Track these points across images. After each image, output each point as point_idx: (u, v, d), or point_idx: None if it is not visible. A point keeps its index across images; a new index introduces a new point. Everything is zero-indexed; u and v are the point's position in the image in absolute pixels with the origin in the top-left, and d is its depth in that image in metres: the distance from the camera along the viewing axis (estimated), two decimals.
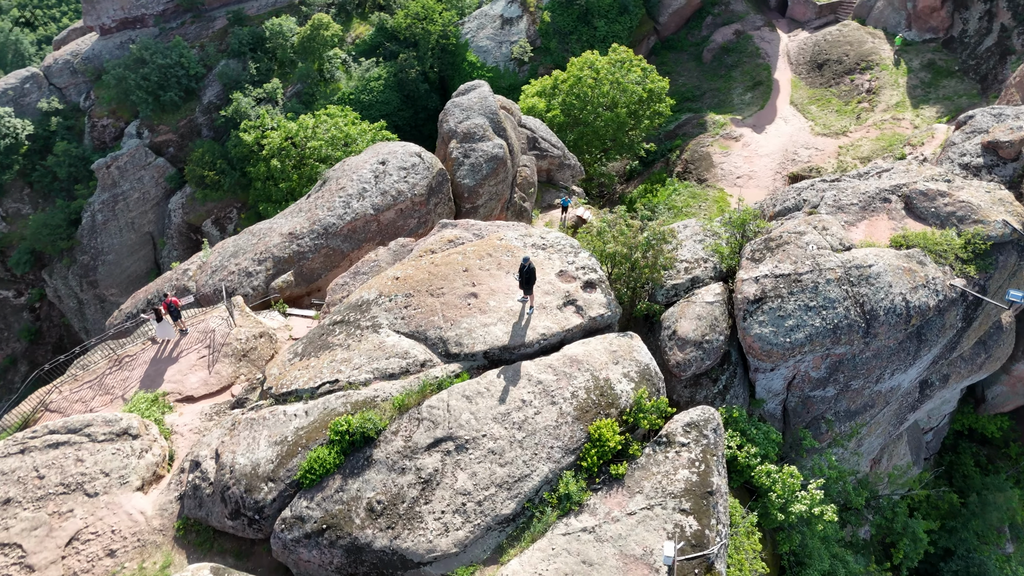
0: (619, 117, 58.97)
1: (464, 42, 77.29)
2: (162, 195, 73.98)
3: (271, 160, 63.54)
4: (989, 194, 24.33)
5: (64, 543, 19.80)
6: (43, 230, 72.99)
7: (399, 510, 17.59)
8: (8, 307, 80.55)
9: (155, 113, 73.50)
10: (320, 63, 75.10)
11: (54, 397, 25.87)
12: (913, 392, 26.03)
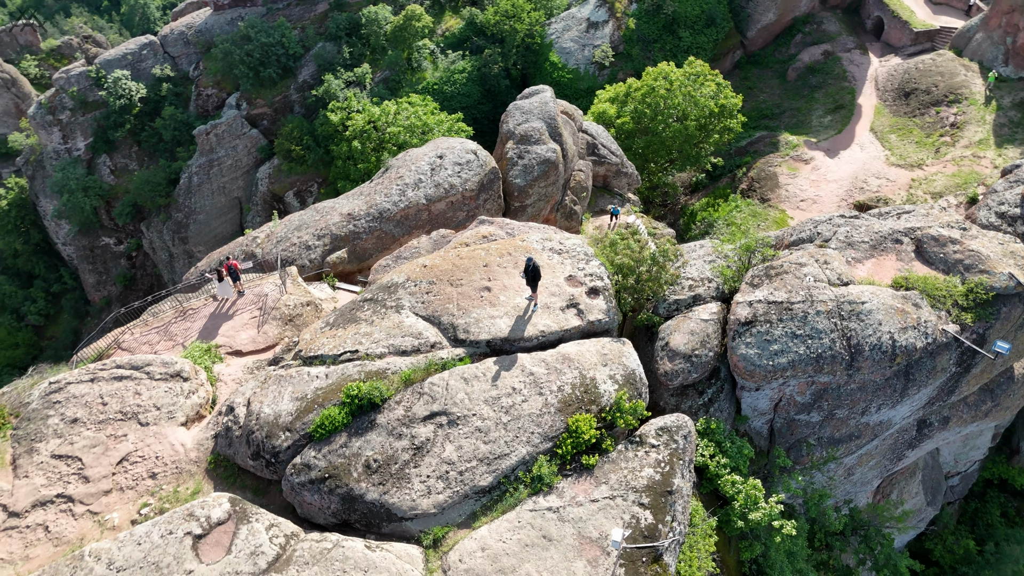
0: (687, 129, 59.70)
1: (548, 42, 79.16)
2: (252, 164, 79.27)
3: (352, 141, 67.26)
4: (1002, 246, 24.58)
5: (116, 462, 23.20)
6: (145, 186, 79.51)
7: (391, 470, 20.01)
8: (109, 253, 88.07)
9: (254, 87, 78.77)
10: (409, 52, 78.52)
11: (126, 337, 29.62)
12: (909, 430, 26.55)
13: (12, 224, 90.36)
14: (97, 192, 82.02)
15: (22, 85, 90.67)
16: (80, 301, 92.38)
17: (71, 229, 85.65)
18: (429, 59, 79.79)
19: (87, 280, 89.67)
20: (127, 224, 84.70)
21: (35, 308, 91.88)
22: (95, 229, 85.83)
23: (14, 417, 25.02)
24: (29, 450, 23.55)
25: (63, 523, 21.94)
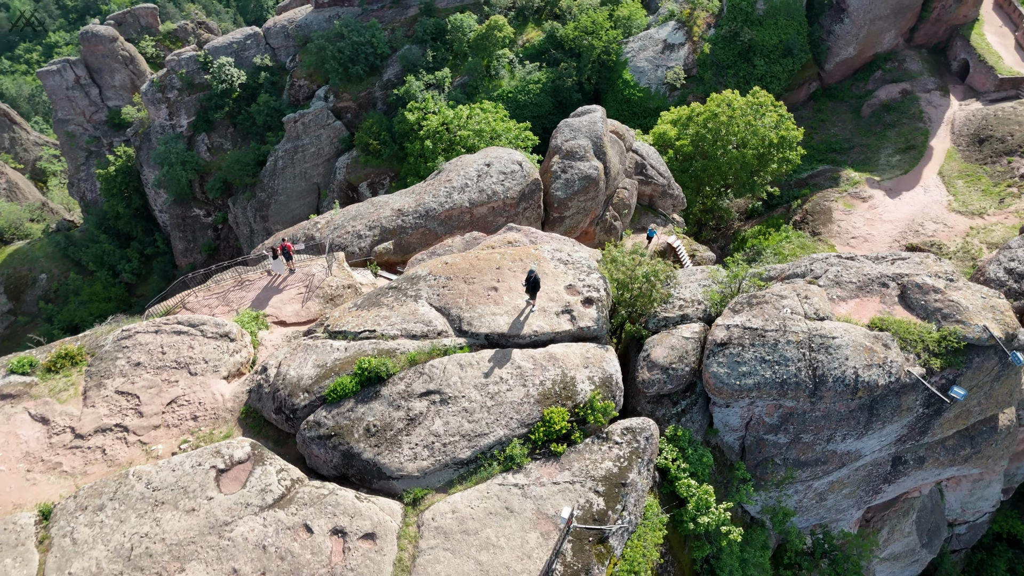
0: (744, 157, 60.89)
1: (623, 60, 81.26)
2: (333, 153, 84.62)
3: (425, 140, 71.35)
4: (983, 299, 25.51)
5: (166, 403, 27.19)
6: (236, 165, 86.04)
7: (386, 435, 23.12)
8: (198, 224, 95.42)
9: (342, 82, 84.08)
10: (489, 60, 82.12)
11: (191, 299, 33.92)
12: (883, 464, 27.74)
13: (118, 189, 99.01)
14: (194, 167, 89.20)
15: (139, 63, 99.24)
16: (169, 265, 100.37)
17: (168, 198, 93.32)
18: (507, 68, 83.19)
19: (177, 246, 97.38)
20: (216, 198, 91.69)
21: (129, 267, 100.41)
22: (188, 200, 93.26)
23: (90, 356, 29.48)
24: (98, 384, 27.84)
25: (117, 448, 26.03)
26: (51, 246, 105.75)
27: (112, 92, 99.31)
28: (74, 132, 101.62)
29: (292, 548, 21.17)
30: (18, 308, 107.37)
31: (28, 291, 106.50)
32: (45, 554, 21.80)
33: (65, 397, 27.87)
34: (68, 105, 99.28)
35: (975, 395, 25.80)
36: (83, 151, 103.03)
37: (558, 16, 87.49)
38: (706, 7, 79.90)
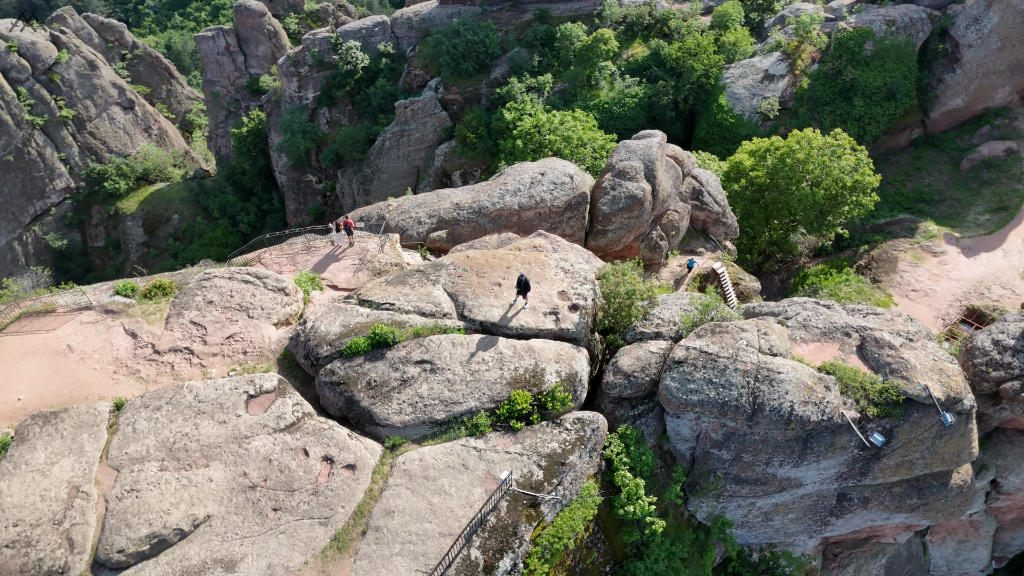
0: (815, 196, 61.84)
1: (722, 85, 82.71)
2: (435, 141, 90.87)
3: (517, 140, 76.04)
4: (935, 361, 27.14)
5: (225, 337, 33.26)
6: (348, 140, 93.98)
7: (382, 390, 28.00)
8: (309, 189, 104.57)
9: (452, 76, 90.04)
10: (591, 70, 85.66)
11: (265, 256, 40.16)
12: (829, 498, 29.86)
13: (247, 148, 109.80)
14: (312, 137, 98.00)
15: (281, 37, 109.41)
16: (280, 222, 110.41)
17: (287, 162, 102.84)
18: (608, 80, 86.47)
19: (289, 206, 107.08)
20: (328, 168, 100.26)
21: (247, 219, 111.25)
22: (304, 167, 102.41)
23: (177, 290, 36.10)
24: (178, 313, 34.29)
25: (182, 366, 32.31)
26: (186, 191, 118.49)
27: (255, 61, 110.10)
28: (218, 93, 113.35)
29: (290, 465, 26.48)
30: (151, 241, 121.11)
31: (161, 228, 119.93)
32: (112, 436, 28.15)
33: (152, 319, 34.52)
34: (217, 68, 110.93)
35: (916, 448, 27.70)
36: (223, 110, 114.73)
37: (666, 35, 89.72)
38: (814, 41, 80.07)
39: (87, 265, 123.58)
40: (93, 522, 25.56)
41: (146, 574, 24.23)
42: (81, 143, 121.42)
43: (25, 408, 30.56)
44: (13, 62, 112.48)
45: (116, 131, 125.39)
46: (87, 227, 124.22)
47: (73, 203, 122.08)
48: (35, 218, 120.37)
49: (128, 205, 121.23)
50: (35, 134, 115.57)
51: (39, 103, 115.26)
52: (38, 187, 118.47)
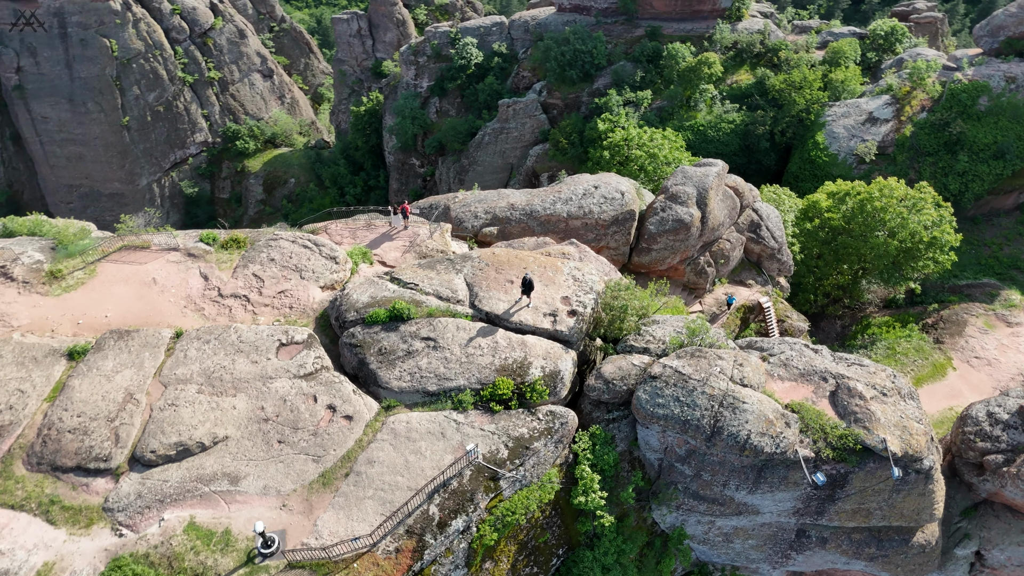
0: (888, 246, 60.93)
1: (821, 122, 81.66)
2: (530, 141, 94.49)
3: (605, 151, 78.48)
4: (900, 418, 27.70)
5: (278, 291, 38.09)
6: (451, 131, 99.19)
7: (389, 357, 31.79)
8: (412, 172, 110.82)
9: (556, 82, 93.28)
10: (691, 92, 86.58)
11: (331, 227, 44.95)
12: (788, 531, 30.89)
13: (363, 125, 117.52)
14: (421, 124, 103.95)
15: (408, 27, 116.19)
16: (382, 198, 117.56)
17: (396, 144, 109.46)
18: (708, 103, 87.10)
19: (392, 185, 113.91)
20: (431, 154, 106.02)
21: (353, 191, 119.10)
22: (410, 150, 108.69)
23: (249, 244, 41.38)
24: (244, 265, 39.46)
25: (237, 310, 37.38)
26: (304, 158, 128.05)
27: (381, 46, 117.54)
28: (345, 71, 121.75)
29: (300, 407, 30.75)
30: (268, 200, 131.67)
31: (279, 189, 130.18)
32: (167, 358, 33.41)
33: (223, 267, 39.87)
34: (347, 49, 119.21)
35: (873, 498, 28.57)
36: (348, 88, 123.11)
37: (775, 65, 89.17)
38: (927, 89, 77.68)
39: (211, 213, 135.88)
40: (137, 424, 30.78)
41: (169, 474, 29.09)
42: (222, 103, 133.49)
43: (109, 324, 36.45)
44: (175, 23, 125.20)
45: (254, 96, 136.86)
46: (216, 179, 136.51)
47: (208, 156, 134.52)
48: (174, 165, 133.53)
49: (254, 164, 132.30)
50: (184, 90, 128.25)
51: (191, 63, 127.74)
52: (180, 138, 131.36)
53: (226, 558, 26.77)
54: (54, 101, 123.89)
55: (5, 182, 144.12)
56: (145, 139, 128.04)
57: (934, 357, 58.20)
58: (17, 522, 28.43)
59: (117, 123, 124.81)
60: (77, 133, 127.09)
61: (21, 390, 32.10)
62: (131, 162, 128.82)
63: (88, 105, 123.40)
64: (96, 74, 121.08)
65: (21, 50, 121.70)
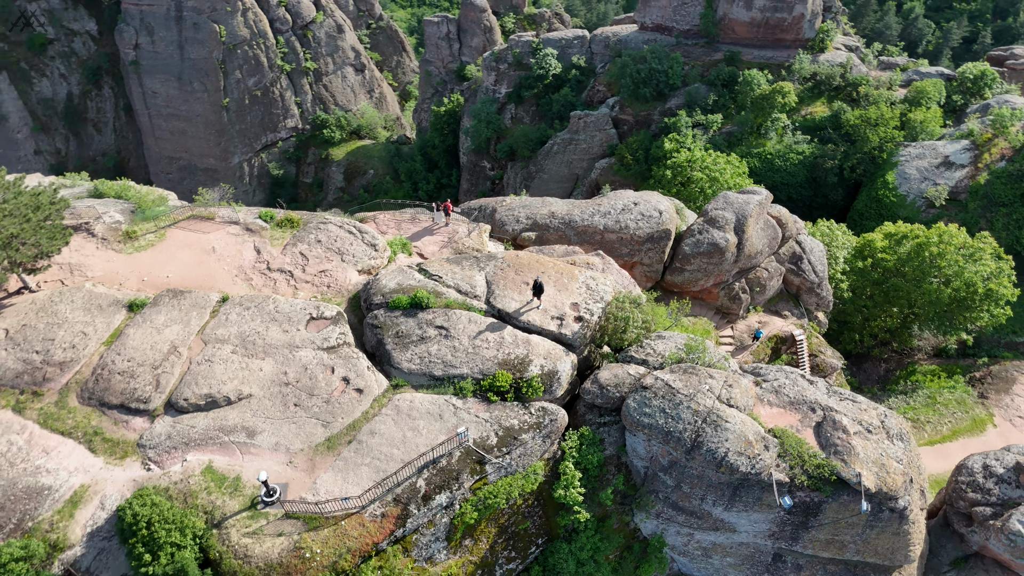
0: (940, 293, 59.66)
1: (894, 161, 79.98)
2: (598, 154, 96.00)
3: (667, 170, 79.39)
4: (880, 455, 27.95)
5: (319, 270, 41.24)
6: (523, 138, 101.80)
7: (404, 340, 34.29)
8: (482, 173, 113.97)
9: (629, 98, 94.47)
10: (763, 119, 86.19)
11: (380, 217, 48.01)
12: (765, 553, 31.42)
13: (441, 125, 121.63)
14: (495, 128, 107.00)
15: (495, 33, 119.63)
16: (452, 197, 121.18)
17: (470, 145, 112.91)
18: (779, 131, 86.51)
19: (463, 184, 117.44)
20: (501, 159, 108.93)
21: (426, 187, 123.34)
22: (482, 153, 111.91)
23: (301, 225, 44.82)
24: (293, 244, 42.85)
25: (281, 284, 40.73)
26: (384, 151, 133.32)
27: (467, 50, 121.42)
28: (431, 72, 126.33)
29: (317, 376, 33.60)
30: (347, 188, 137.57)
31: (358, 178, 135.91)
32: (211, 318, 36.93)
33: (275, 243, 43.40)
34: (435, 50, 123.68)
35: (847, 531, 29.01)
36: (432, 88, 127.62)
37: (853, 100, 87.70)
38: (1009, 138, 75.07)
39: (294, 195, 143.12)
40: (176, 374, 34.32)
41: (196, 421, 32.41)
42: (315, 92, 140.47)
43: (168, 283, 40.39)
44: (279, 15, 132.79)
45: (345, 88, 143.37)
46: (302, 164, 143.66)
47: (296, 141, 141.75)
48: (264, 147, 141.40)
49: (337, 153, 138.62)
50: (281, 78, 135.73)
51: (291, 52, 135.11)
52: (273, 122, 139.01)
53: (233, 501, 29.76)
54: (164, 78, 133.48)
55: (115, 149, 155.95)
56: (241, 120, 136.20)
57: (975, 412, 56.58)
58: (64, 447, 32.27)
59: (218, 103, 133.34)
60: (182, 109, 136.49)
61: (84, 332, 36.19)
62: (227, 140, 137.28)
63: (194, 84, 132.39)
64: (204, 56, 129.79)
65: (140, 28, 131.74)
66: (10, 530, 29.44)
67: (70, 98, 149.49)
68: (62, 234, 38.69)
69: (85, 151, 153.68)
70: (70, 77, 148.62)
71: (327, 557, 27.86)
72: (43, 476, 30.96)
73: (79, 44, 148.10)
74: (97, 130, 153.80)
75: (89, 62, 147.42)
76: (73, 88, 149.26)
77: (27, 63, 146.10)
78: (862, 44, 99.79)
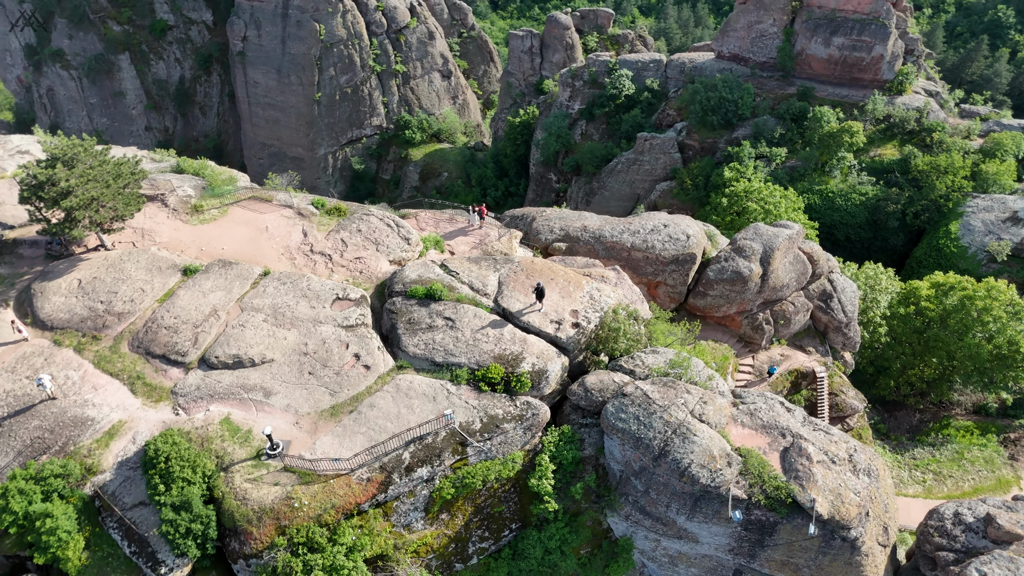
0: (980, 349, 58.50)
1: (959, 211, 78.10)
2: (660, 177, 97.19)
3: (723, 198, 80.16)
4: (839, 484, 28.68)
5: (355, 257, 44.84)
6: (589, 154, 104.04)
7: (413, 327, 37.31)
8: (548, 186, 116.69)
9: (697, 124, 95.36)
10: (828, 157, 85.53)
11: (421, 214, 51.40)
12: (727, 568, 32.53)
13: (515, 135, 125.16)
14: (564, 142, 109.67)
15: (576, 51, 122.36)
16: (517, 205, 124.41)
17: (539, 157, 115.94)
18: (844, 171, 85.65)
19: (529, 194, 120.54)
20: (567, 173, 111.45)
21: (494, 194, 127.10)
22: (550, 165, 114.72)
23: (348, 214, 48.66)
24: (336, 231, 46.69)
25: (319, 265, 44.54)
26: (460, 156, 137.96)
27: (547, 65, 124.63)
28: (511, 83, 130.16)
29: (333, 350, 37.03)
30: (421, 188, 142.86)
31: (432, 180, 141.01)
32: (251, 289, 40.99)
33: (321, 229, 47.37)
34: (517, 63, 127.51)
35: (801, 555, 29.93)
36: (511, 99, 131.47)
37: (927, 145, 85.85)
38: None
39: (371, 190, 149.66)
40: (213, 334, 38.44)
41: (223, 378, 36.32)
42: (401, 94, 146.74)
43: (222, 254, 44.82)
44: (376, 18, 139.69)
45: (430, 92, 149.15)
46: (382, 161, 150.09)
47: (379, 139, 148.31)
48: (349, 142, 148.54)
49: (416, 153, 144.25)
50: (371, 77, 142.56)
51: (383, 54, 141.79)
52: (359, 118, 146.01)
53: (242, 450, 33.39)
54: (265, 69, 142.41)
55: (216, 131, 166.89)
56: (330, 115, 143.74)
57: (1001, 472, 55.14)
58: (111, 386, 36.76)
59: (311, 97, 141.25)
60: (278, 100, 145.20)
61: (143, 289, 40.85)
62: (315, 132, 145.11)
63: (291, 77, 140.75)
64: (303, 52, 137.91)
65: (249, 22, 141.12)
66: (55, 451, 33.93)
67: (182, 81, 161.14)
68: (136, 201, 43.72)
69: (190, 131, 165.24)
70: (184, 62, 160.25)
71: (313, 509, 31.03)
72: (89, 409, 35.39)
73: (195, 32, 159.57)
74: (202, 113, 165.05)
75: (202, 50, 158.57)
76: (185, 72, 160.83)
77: (147, 46, 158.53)
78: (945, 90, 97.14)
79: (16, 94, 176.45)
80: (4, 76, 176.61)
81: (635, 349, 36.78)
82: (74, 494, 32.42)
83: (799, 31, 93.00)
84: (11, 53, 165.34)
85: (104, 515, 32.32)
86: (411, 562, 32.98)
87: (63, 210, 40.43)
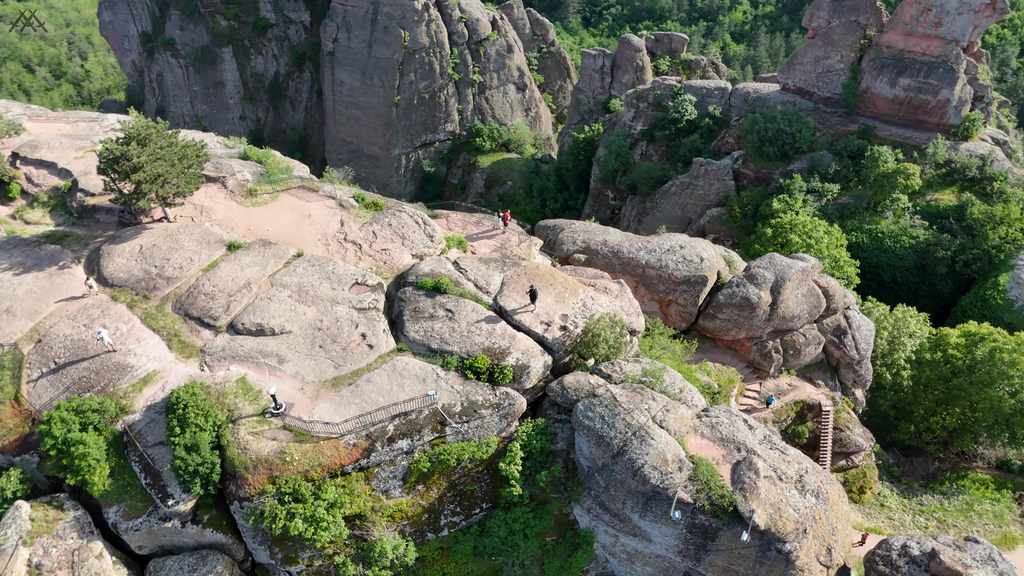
0: (1002, 402, 57.64)
1: (1011, 263, 76.22)
2: (712, 202, 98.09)
3: (769, 228, 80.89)
4: (782, 500, 30.07)
5: (381, 248, 48.81)
6: (645, 175, 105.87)
7: (416, 315, 40.78)
8: (605, 202, 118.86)
9: (753, 154, 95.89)
10: (881, 198, 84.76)
11: (451, 215, 55.03)
12: (677, 570, 34.30)
13: (579, 150, 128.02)
14: (623, 161, 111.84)
15: (645, 73, 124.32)
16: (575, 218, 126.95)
17: (599, 174, 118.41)
18: (897, 212, 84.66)
19: (585, 209, 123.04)
20: (624, 191, 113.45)
21: (553, 206, 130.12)
22: (609, 182, 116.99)
23: (384, 208, 52.73)
24: (370, 223, 50.79)
25: (349, 253, 48.68)
26: (524, 166, 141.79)
27: (617, 85, 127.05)
28: (580, 100, 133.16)
29: (343, 327, 40.92)
30: (485, 194, 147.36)
31: (496, 187, 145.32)
32: (283, 267, 45.39)
33: (357, 220, 51.58)
34: (587, 81, 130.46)
35: (740, 562, 31.53)
36: (578, 115, 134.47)
37: (987, 194, 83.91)
38: None
39: (439, 192, 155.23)
40: (243, 304, 42.96)
41: (245, 343, 40.68)
42: (476, 103, 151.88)
43: (266, 235, 49.54)
44: (459, 29, 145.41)
45: (504, 103, 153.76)
46: (452, 165, 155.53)
47: (451, 144, 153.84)
48: (422, 145, 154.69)
49: (484, 161, 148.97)
50: (449, 85, 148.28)
51: (461, 64, 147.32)
52: (434, 123, 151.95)
53: (250, 407, 37.51)
54: (351, 70, 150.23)
55: (302, 125, 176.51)
56: (407, 118, 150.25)
57: (1008, 529, 54.09)
58: (152, 340, 41.68)
59: (390, 100, 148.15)
60: (360, 100, 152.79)
61: (191, 259, 45.84)
62: (391, 134, 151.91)
63: (374, 80, 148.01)
64: (387, 56, 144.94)
65: (341, 25, 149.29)
66: (97, 390, 38.90)
67: (276, 76, 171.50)
68: (197, 180, 48.94)
69: (279, 123, 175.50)
70: (280, 58, 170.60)
71: (302, 464, 34.78)
72: (131, 358, 40.31)
73: (293, 32, 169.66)
74: (292, 107, 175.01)
75: (297, 48, 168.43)
76: (281, 68, 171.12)
77: (249, 41, 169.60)
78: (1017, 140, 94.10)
79: (130, 77, 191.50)
80: (121, 60, 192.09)
81: (616, 356, 39.12)
82: (107, 428, 37.18)
83: (866, 69, 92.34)
84: (129, 39, 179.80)
85: (129, 450, 36.92)
86: (386, 525, 36.32)
87: (133, 183, 45.79)
